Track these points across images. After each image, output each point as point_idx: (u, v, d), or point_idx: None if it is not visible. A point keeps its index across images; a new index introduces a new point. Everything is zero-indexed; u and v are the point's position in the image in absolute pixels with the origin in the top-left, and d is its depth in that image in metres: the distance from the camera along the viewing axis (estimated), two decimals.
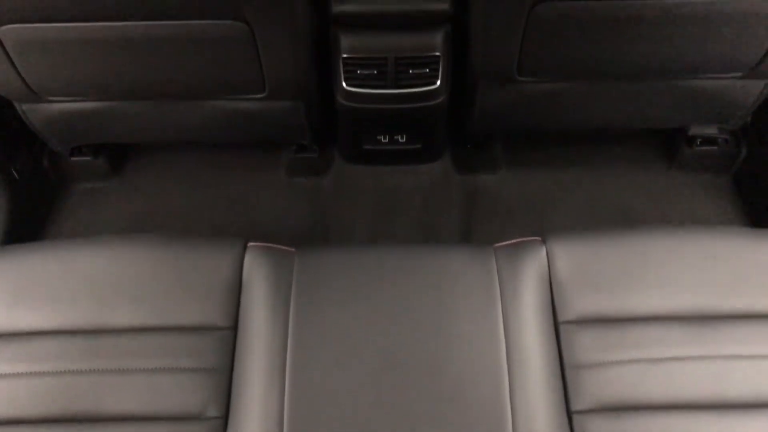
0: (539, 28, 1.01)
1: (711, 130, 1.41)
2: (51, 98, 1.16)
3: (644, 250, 0.90)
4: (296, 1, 0.97)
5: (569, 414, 0.82)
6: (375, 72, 1.17)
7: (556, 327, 0.87)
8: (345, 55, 1.16)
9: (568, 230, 0.96)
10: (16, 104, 1.22)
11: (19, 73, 1.06)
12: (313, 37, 1.12)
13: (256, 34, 0.99)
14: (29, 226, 1.43)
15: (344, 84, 1.19)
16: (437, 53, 1.16)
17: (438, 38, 1.15)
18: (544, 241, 0.92)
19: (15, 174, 1.37)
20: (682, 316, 0.85)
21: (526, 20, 0.99)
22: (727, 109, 1.26)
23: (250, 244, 0.92)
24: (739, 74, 1.13)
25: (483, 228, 1.45)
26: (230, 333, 0.86)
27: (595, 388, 0.82)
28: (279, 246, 0.93)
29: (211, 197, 1.50)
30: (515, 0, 0.96)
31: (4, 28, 0.97)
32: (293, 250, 0.93)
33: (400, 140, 1.38)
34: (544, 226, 1.44)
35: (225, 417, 0.82)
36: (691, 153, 1.46)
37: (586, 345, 0.84)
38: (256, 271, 0.89)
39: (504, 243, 0.93)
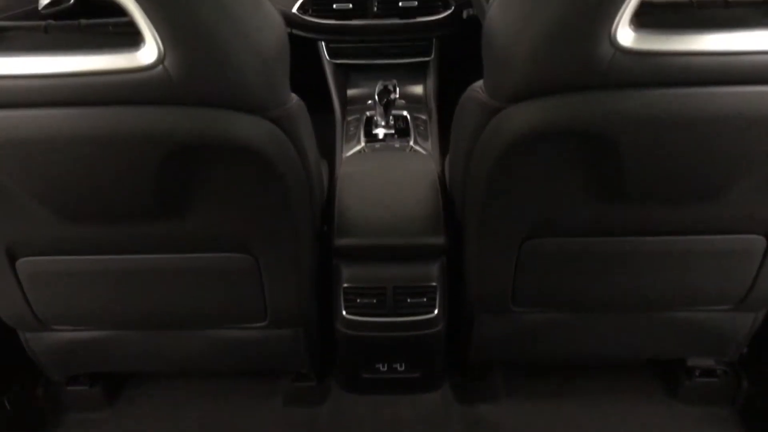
0: (530, 262, 1.06)
1: (709, 362, 1.41)
2: (56, 327, 1.19)
3: None
4: (302, 236, 1.03)
5: None
6: (374, 301, 1.21)
7: None
8: (346, 285, 1.21)
9: None
10: (19, 332, 1.24)
11: (28, 303, 1.09)
12: (315, 267, 1.18)
13: (261, 266, 1.04)
14: None
15: (344, 312, 1.22)
16: (434, 284, 1.21)
17: (434, 269, 1.21)
18: None
19: (7, 405, 1.34)
20: None
21: (517, 255, 1.05)
22: (721, 341, 1.27)
23: None
24: (728, 307, 1.17)
25: None
26: None
27: None
28: None
29: (206, 428, 1.45)
30: (506, 236, 1.03)
31: (21, 260, 1.02)
32: None
33: (398, 369, 1.38)
34: None
35: None
36: (691, 385, 1.44)
37: None
38: None
39: None
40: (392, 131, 1.67)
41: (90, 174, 0.85)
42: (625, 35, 0.74)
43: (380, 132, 1.66)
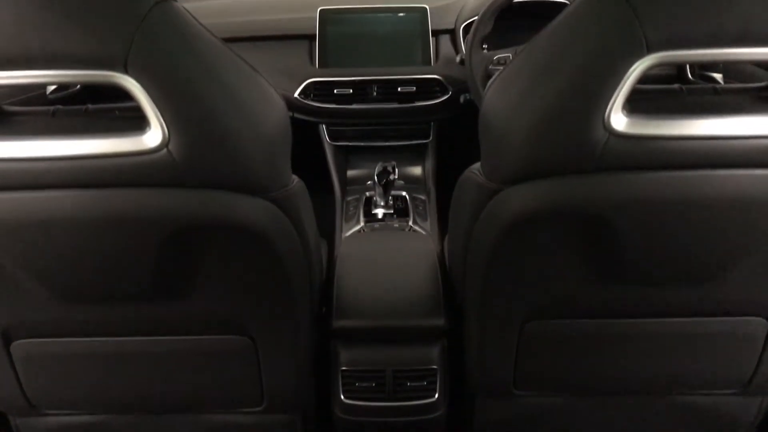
0: (532, 345, 1.05)
1: None
2: (48, 411, 1.15)
3: None
4: (300, 317, 1.02)
5: None
6: (373, 384, 1.18)
7: None
8: (344, 368, 1.19)
9: None
10: (10, 418, 1.20)
11: (21, 387, 1.07)
12: (313, 350, 1.16)
13: (258, 348, 1.03)
14: None
15: (342, 397, 1.19)
16: (434, 367, 1.19)
17: (435, 352, 1.19)
18: None
19: None
20: None
21: (518, 337, 1.03)
22: (728, 426, 1.24)
23: None
24: (733, 391, 1.14)
25: None
26: None
27: None
28: None
29: None
30: (507, 317, 1.02)
31: (16, 343, 1.01)
32: None
33: None
34: None
35: None
36: None
37: None
38: None
39: None
40: (391, 211, 1.69)
41: (91, 256, 0.85)
42: (618, 120, 0.76)
43: (379, 212, 1.68)
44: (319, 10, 1.77)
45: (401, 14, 1.78)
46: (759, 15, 0.70)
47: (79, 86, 1.43)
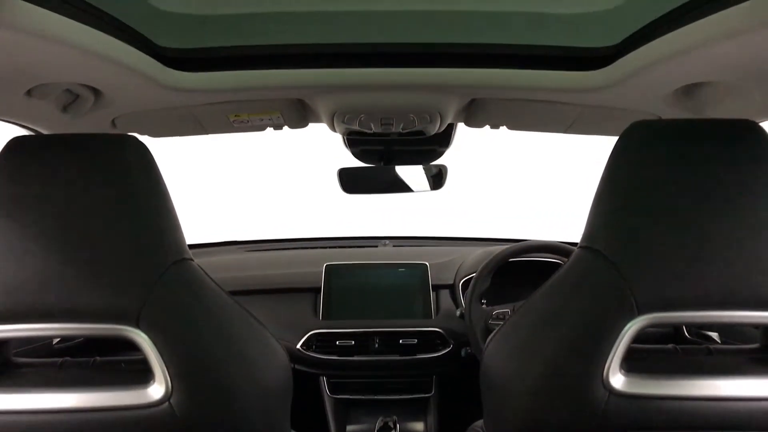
0: None
1: None
2: None
3: None
4: None
5: None
6: None
7: None
8: None
9: None
10: None
11: None
12: None
13: None
14: None
15: None
16: None
17: None
18: None
19: None
20: None
21: None
22: None
23: None
24: None
25: None
26: None
27: None
28: None
29: None
30: None
31: None
32: None
33: None
34: None
35: None
36: None
37: None
38: None
39: None
40: None
41: None
42: (617, 379, 0.77)
43: None
44: (325, 265, 1.86)
45: (402, 270, 1.88)
46: (739, 281, 0.74)
47: (81, 338, 1.45)
